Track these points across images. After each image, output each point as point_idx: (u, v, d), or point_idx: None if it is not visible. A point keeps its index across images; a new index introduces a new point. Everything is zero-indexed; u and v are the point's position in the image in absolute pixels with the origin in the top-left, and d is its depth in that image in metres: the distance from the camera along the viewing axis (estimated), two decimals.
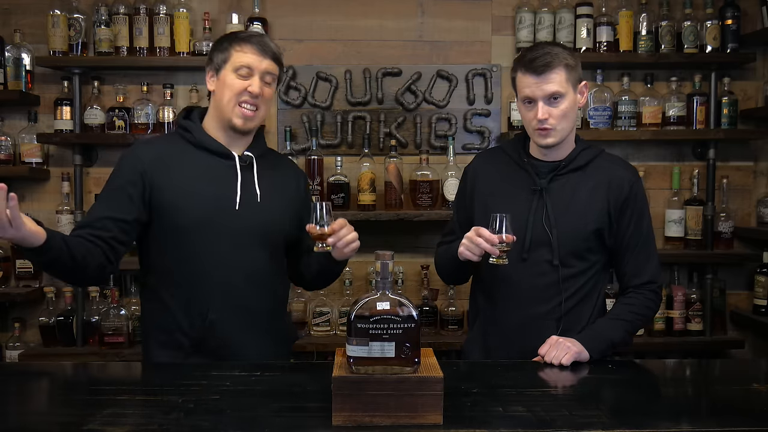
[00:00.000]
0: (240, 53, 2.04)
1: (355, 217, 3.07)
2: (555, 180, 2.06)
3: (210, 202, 2.01)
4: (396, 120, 3.32)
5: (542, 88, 1.97)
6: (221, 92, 2.05)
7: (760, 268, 3.27)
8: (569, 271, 2.04)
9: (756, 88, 3.39)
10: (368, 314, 1.44)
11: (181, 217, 2.00)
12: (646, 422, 1.46)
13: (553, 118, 1.98)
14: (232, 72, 2.04)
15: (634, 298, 2.08)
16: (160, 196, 2.00)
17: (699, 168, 3.35)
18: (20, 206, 3.34)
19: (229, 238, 2.02)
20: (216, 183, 2.04)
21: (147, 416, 1.52)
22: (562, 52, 1.99)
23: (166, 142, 2.13)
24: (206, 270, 2.00)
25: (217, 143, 2.08)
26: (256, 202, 2.06)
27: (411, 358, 1.45)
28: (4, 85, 3.18)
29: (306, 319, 3.22)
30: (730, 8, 3.23)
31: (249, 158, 2.09)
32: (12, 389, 1.76)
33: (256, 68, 2.04)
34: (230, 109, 2.03)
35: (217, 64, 2.07)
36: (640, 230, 2.08)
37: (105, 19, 3.15)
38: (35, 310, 3.27)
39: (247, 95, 2.02)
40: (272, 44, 2.10)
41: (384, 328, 1.44)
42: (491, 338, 2.13)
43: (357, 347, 1.44)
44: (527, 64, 1.99)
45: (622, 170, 2.10)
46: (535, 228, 2.04)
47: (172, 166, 2.03)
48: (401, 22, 3.33)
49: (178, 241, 2.01)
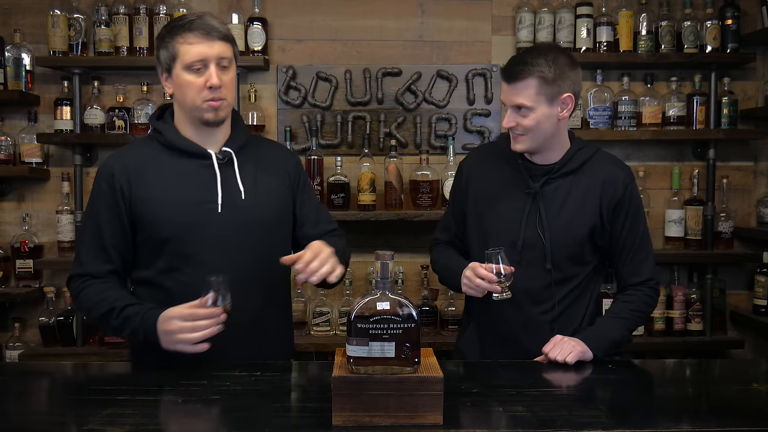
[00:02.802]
0: (186, 45, 1.86)
1: (355, 217, 3.07)
2: (549, 183, 2.06)
3: (190, 208, 1.90)
4: (396, 120, 3.32)
5: (510, 98, 1.99)
6: (181, 93, 1.90)
7: (760, 268, 3.27)
8: (562, 274, 2.05)
9: (756, 88, 3.39)
10: (368, 314, 1.44)
11: (162, 228, 1.89)
12: (646, 422, 1.46)
13: (521, 127, 1.99)
14: (184, 70, 1.87)
15: (632, 295, 2.08)
16: (139, 209, 1.91)
17: (699, 168, 3.35)
18: (20, 206, 3.38)
19: (214, 244, 1.90)
20: (195, 186, 1.92)
21: (147, 416, 1.52)
22: (542, 64, 1.94)
23: (140, 149, 2.00)
24: (191, 281, 1.85)
25: (191, 143, 1.94)
26: (240, 201, 1.94)
27: (411, 358, 1.45)
28: (4, 85, 3.18)
29: (306, 319, 3.22)
30: (730, 8, 3.23)
31: (228, 154, 1.96)
32: (12, 389, 1.76)
33: (208, 57, 1.86)
34: (196, 107, 1.89)
35: (167, 64, 1.90)
36: (636, 230, 2.08)
37: (105, 19, 3.15)
38: (35, 310, 3.27)
39: (208, 91, 1.86)
40: (216, 22, 1.90)
41: (384, 328, 1.43)
42: (485, 338, 2.14)
43: (357, 347, 1.43)
44: (504, 69, 2.03)
45: (617, 170, 2.09)
46: (528, 231, 2.04)
47: (147, 174, 1.92)
48: (401, 22, 3.33)
49: (161, 252, 1.91)
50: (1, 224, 3.34)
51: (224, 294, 1.73)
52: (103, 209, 1.92)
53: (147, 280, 1.96)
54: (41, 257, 3.27)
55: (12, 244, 3.26)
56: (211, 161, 1.94)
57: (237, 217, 1.93)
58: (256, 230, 1.95)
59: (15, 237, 3.27)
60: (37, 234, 3.30)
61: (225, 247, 1.92)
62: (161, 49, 1.91)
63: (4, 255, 3.26)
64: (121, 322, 1.85)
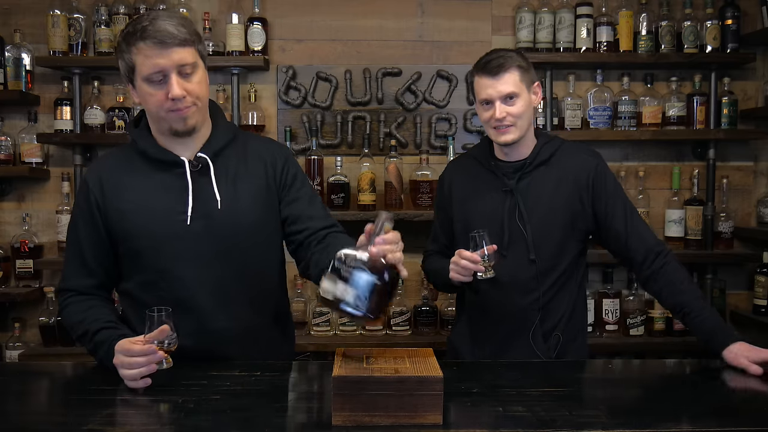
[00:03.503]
0: (141, 57, 1.73)
1: (355, 217, 3.07)
2: (523, 179, 2.15)
3: (162, 220, 1.80)
4: (396, 120, 3.32)
5: (498, 89, 2.08)
6: (145, 104, 1.80)
7: (760, 268, 3.27)
8: (546, 264, 2.12)
9: (756, 88, 3.39)
10: (345, 258, 1.47)
11: (134, 240, 1.82)
12: (646, 422, 1.46)
13: (511, 116, 2.08)
14: (145, 82, 1.75)
15: (667, 275, 2.06)
16: (112, 220, 1.84)
17: (699, 168, 3.35)
18: (20, 206, 3.38)
19: (188, 257, 1.80)
20: (167, 197, 1.82)
21: (147, 416, 1.52)
22: (515, 56, 2.11)
23: (117, 158, 1.91)
24: (169, 296, 1.78)
25: (163, 151, 1.84)
26: (215, 211, 1.82)
27: (369, 310, 1.45)
28: (4, 85, 3.19)
29: (306, 319, 3.22)
30: (730, 8, 3.23)
31: (202, 160, 1.84)
32: (12, 389, 1.76)
33: (166, 68, 1.72)
34: (161, 118, 1.79)
35: (127, 75, 1.79)
36: (619, 202, 2.13)
37: (105, 19, 3.16)
38: (35, 310, 3.27)
39: (172, 103, 1.74)
40: (172, 25, 1.72)
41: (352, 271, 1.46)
42: (476, 330, 2.22)
43: (327, 281, 1.47)
44: (483, 66, 2.11)
45: (584, 155, 2.18)
46: (511, 226, 2.12)
47: (121, 184, 1.84)
48: (401, 22, 3.33)
49: (138, 266, 1.84)
50: (1, 224, 3.34)
51: (168, 330, 1.64)
52: (80, 223, 1.87)
53: (129, 293, 1.90)
54: (41, 257, 3.27)
55: (12, 244, 3.27)
56: (184, 169, 1.83)
57: (210, 229, 1.82)
58: (235, 240, 1.83)
59: (15, 237, 3.27)
60: (37, 234, 3.30)
61: (200, 260, 1.81)
62: (119, 59, 1.79)
63: (4, 255, 3.26)
64: (92, 347, 1.80)
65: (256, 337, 1.91)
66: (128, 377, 1.65)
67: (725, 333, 1.96)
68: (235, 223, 1.84)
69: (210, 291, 1.83)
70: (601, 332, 3.23)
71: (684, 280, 2.07)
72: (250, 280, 1.88)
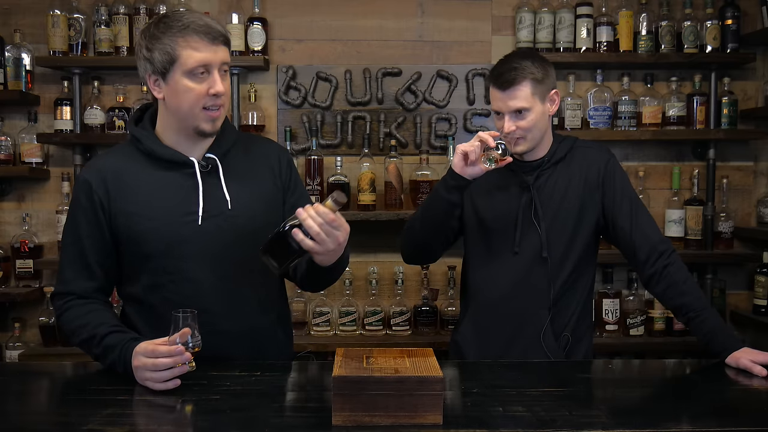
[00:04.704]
0: (189, 50, 1.72)
1: (355, 217, 3.07)
2: (540, 176, 2.15)
3: (172, 222, 1.79)
4: (396, 120, 3.32)
5: (507, 104, 2.06)
6: (177, 100, 1.76)
7: (760, 268, 3.27)
8: (557, 261, 2.11)
9: (756, 88, 3.39)
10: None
11: (143, 243, 1.80)
12: (646, 422, 1.46)
13: (521, 130, 2.08)
14: (186, 76, 1.74)
15: (670, 276, 2.05)
16: (119, 223, 1.81)
17: (699, 168, 3.35)
18: (20, 206, 3.38)
19: (199, 259, 1.80)
20: (176, 198, 1.81)
21: (147, 416, 1.52)
22: (530, 66, 2.05)
23: (119, 157, 1.87)
24: (178, 298, 1.77)
25: (172, 152, 1.82)
26: (226, 211, 1.83)
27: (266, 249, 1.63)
28: (4, 85, 3.19)
29: (306, 319, 3.22)
30: (730, 8, 3.23)
31: (212, 161, 1.84)
32: (12, 389, 1.76)
33: (212, 63, 1.74)
34: (194, 116, 1.77)
35: (162, 67, 1.75)
36: (628, 197, 2.15)
37: (105, 19, 3.15)
38: (35, 310, 3.27)
39: (212, 99, 1.75)
40: (215, 23, 1.76)
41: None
42: (483, 329, 2.18)
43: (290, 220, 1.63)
44: (495, 78, 2.09)
45: (596, 153, 2.19)
46: (525, 222, 2.12)
47: (126, 185, 1.81)
48: (401, 22, 3.33)
49: (146, 268, 1.82)
50: (1, 224, 3.34)
51: (192, 330, 1.63)
52: (83, 223, 1.83)
53: (133, 296, 1.88)
54: (41, 257, 3.27)
55: (12, 244, 3.27)
56: (193, 169, 1.82)
57: (222, 229, 1.82)
58: (245, 240, 1.82)
59: (15, 237, 3.27)
60: (37, 234, 3.30)
61: (211, 261, 1.81)
62: (155, 50, 1.74)
63: (4, 255, 3.26)
64: (101, 352, 1.76)
65: (261, 338, 1.92)
66: (155, 379, 1.62)
67: (727, 336, 1.96)
68: (246, 222, 1.84)
69: (218, 291, 1.83)
70: (601, 332, 3.23)
71: (687, 280, 2.06)
72: (257, 280, 1.88)
